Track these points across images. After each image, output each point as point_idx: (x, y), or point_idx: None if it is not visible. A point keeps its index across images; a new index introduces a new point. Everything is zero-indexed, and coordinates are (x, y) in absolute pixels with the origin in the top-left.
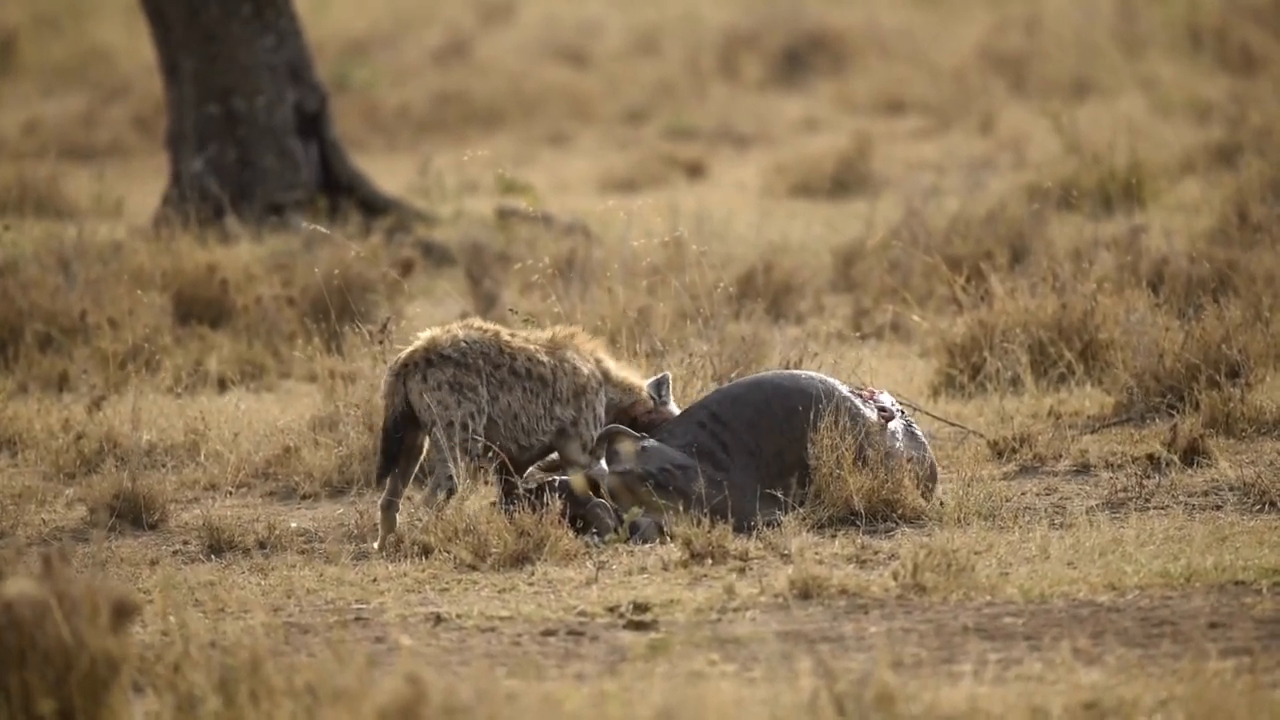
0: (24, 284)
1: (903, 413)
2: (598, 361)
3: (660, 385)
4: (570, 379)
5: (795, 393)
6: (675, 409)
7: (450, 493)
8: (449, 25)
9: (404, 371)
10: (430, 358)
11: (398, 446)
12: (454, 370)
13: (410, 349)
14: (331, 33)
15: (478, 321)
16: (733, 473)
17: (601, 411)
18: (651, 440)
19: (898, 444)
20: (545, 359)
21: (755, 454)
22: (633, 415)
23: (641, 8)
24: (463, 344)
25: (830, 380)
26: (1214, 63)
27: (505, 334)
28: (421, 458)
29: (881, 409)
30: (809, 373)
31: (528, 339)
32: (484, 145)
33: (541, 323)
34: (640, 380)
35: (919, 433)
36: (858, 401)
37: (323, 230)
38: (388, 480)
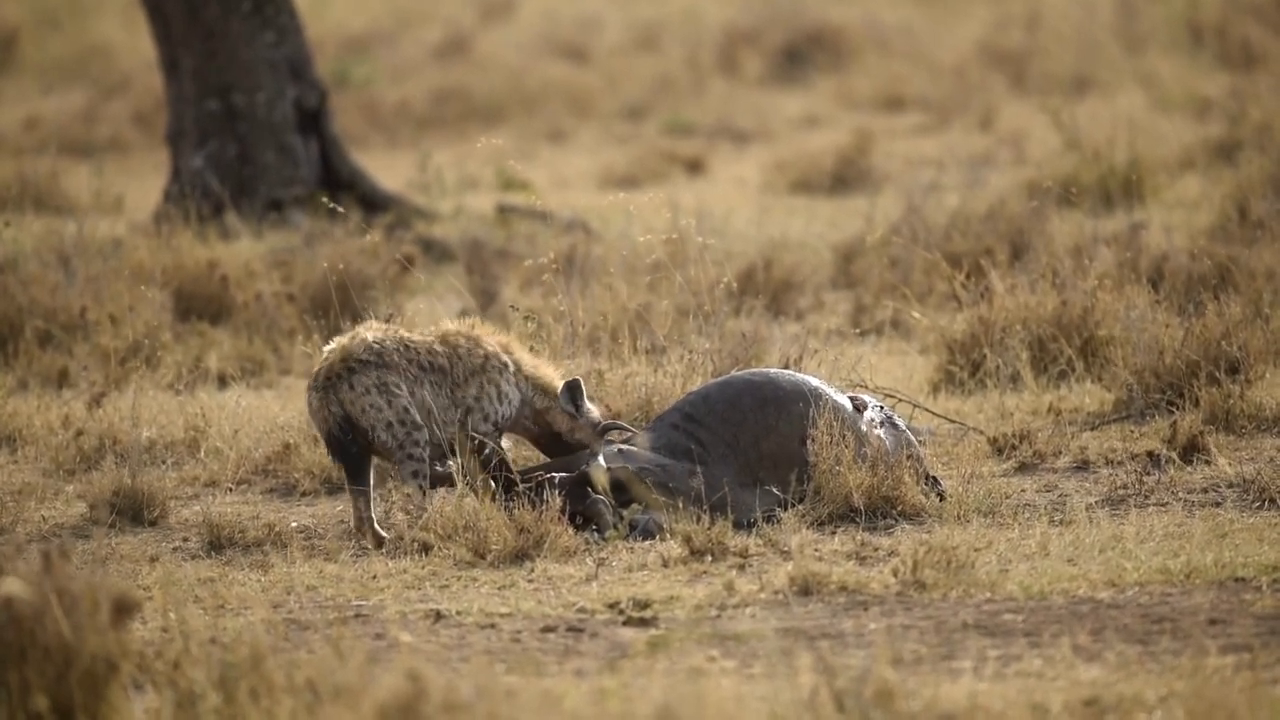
0: (24, 280)
1: (881, 407)
2: (507, 352)
3: (572, 392)
4: (466, 360)
5: (765, 384)
6: (596, 416)
7: (447, 483)
8: (449, 22)
9: (329, 385)
10: (350, 365)
11: (353, 449)
12: (377, 372)
13: (327, 363)
14: (331, 29)
15: (375, 323)
16: (710, 466)
17: (508, 389)
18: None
19: (876, 431)
20: (440, 348)
21: (732, 445)
22: (550, 425)
23: (641, 4)
24: (375, 345)
25: (800, 374)
26: (1214, 59)
27: (403, 331)
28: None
29: (854, 398)
30: (778, 369)
31: (422, 334)
32: (483, 142)
33: (541, 319)
34: (559, 383)
35: (900, 422)
36: (829, 390)
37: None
38: (352, 500)
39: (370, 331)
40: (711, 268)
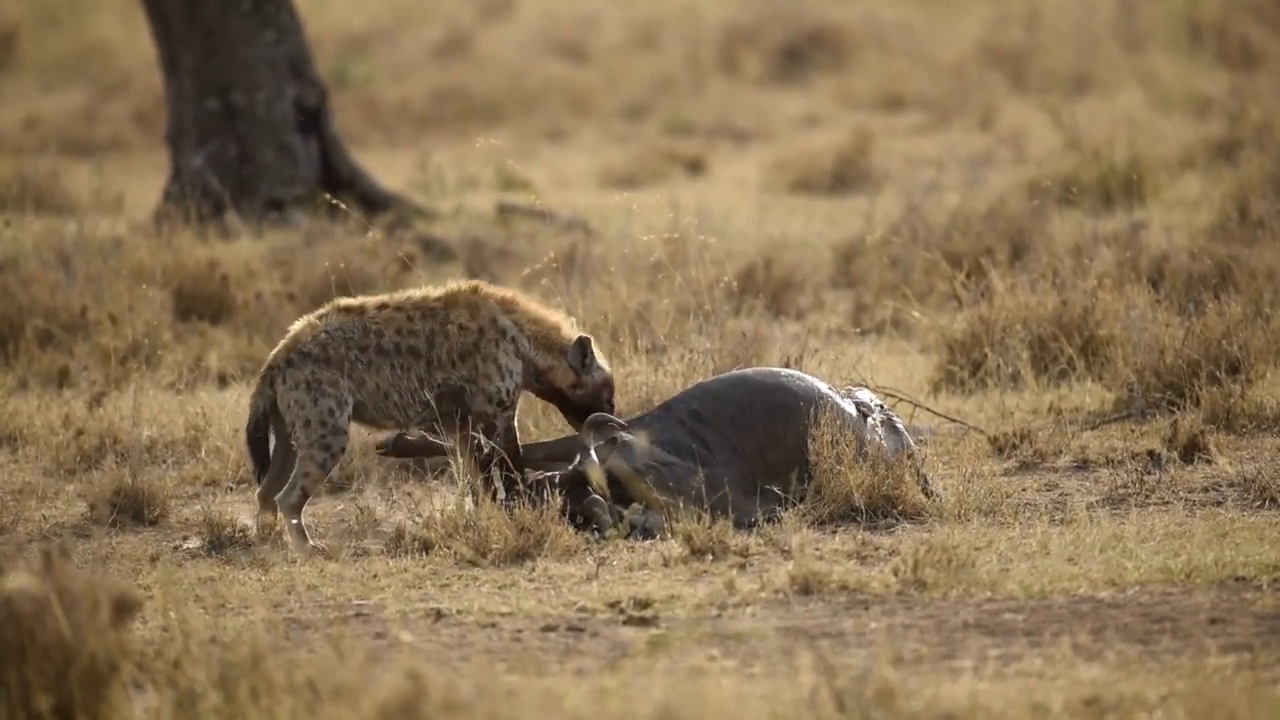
0: (24, 279)
1: (882, 407)
2: (508, 312)
3: (582, 350)
4: (455, 340)
5: (777, 390)
6: (602, 376)
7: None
8: (448, 20)
9: (270, 374)
10: (290, 358)
11: (263, 447)
12: (313, 367)
13: (276, 349)
14: (331, 28)
15: (344, 301)
16: (714, 469)
17: (507, 362)
18: (628, 435)
19: (879, 437)
20: (420, 326)
21: (737, 450)
22: (553, 385)
23: (640, 3)
24: (323, 335)
25: (809, 378)
26: (1214, 58)
27: (373, 307)
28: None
29: (860, 403)
30: (789, 370)
31: (403, 305)
32: (482, 142)
33: None
34: (571, 335)
35: (900, 425)
36: (837, 398)
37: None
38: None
39: (330, 316)
40: (711, 267)
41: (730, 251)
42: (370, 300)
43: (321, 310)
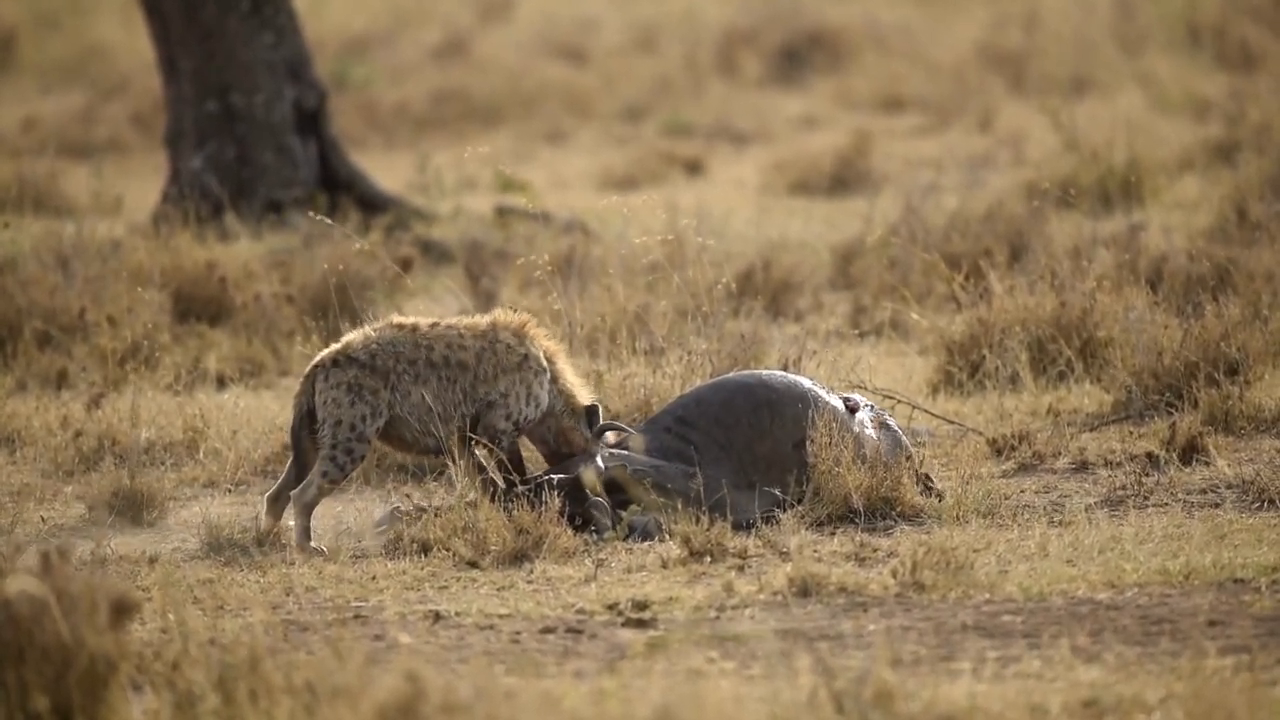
0: (23, 281)
1: (872, 406)
2: (550, 361)
3: (589, 416)
4: (502, 358)
5: (759, 387)
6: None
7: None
8: (447, 23)
9: (313, 373)
10: (338, 359)
11: (303, 443)
12: (356, 372)
13: (324, 351)
14: (330, 30)
15: (397, 318)
16: (704, 468)
17: (539, 392)
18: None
19: (867, 431)
20: (471, 343)
21: (725, 448)
22: (569, 444)
23: (640, 5)
24: (374, 345)
25: (793, 375)
26: (1212, 60)
27: (425, 325)
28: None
29: (847, 399)
30: (772, 370)
31: (454, 324)
32: (482, 143)
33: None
34: (586, 403)
35: (892, 423)
36: (822, 392)
37: (327, 221)
38: (283, 475)
39: (384, 329)
40: (710, 269)
41: (729, 253)
42: (424, 320)
43: (377, 324)
